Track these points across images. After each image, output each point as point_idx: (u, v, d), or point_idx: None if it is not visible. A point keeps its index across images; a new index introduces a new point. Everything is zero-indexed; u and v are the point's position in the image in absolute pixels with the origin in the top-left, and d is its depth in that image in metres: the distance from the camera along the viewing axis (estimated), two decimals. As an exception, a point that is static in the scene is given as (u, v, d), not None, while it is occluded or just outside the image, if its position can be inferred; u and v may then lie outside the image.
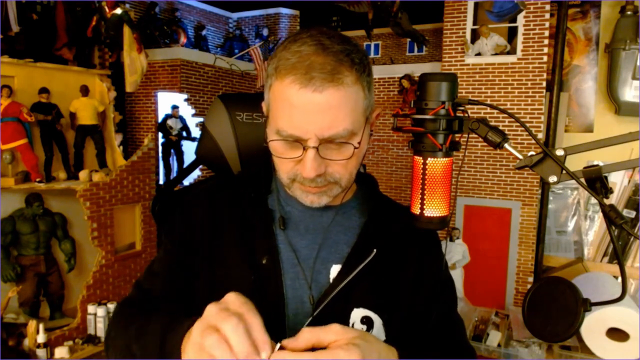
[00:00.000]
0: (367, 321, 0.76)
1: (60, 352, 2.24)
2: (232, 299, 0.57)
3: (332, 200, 0.78)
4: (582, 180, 0.66)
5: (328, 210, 0.81)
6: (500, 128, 0.67)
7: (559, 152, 0.66)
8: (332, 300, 0.74)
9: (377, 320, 0.76)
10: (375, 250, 0.77)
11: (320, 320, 0.73)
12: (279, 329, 0.74)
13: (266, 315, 0.57)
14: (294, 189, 0.75)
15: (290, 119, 0.67)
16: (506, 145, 0.66)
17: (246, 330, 0.53)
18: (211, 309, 0.56)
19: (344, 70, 0.67)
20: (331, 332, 0.57)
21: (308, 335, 0.57)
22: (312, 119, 0.66)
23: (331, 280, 0.77)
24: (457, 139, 0.70)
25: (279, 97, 0.69)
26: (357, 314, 0.76)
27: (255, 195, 0.82)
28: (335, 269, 0.78)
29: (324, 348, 0.57)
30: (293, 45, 0.68)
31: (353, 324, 0.75)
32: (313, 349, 0.57)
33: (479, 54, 2.85)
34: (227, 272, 0.78)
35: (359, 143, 0.70)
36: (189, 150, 3.66)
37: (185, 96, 3.40)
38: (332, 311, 0.74)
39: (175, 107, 3.51)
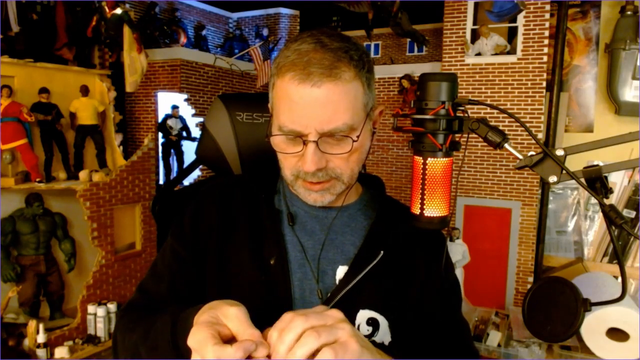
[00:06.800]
0: (372, 323, 0.76)
1: (60, 352, 2.24)
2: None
3: (336, 200, 0.78)
4: (582, 180, 0.66)
5: (332, 211, 0.81)
6: (500, 128, 0.67)
7: (559, 152, 0.66)
8: (339, 302, 0.74)
9: (382, 321, 0.76)
10: (382, 252, 0.77)
11: None
12: None
13: (274, 315, 0.58)
14: (297, 187, 0.76)
15: (290, 114, 0.69)
16: (506, 145, 0.66)
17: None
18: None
19: (342, 66, 0.68)
20: None
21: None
22: (312, 113, 0.67)
23: (337, 282, 0.77)
24: (457, 139, 0.70)
25: (280, 94, 0.70)
26: (363, 315, 0.76)
27: (264, 196, 0.83)
28: (341, 270, 0.78)
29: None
30: (293, 44, 0.70)
31: (359, 326, 0.75)
32: None
33: (479, 54, 2.85)
34: (237, 272, 0.78)
35: (358, 136, 0.71)
36: (189, 150, 3.66)
37: (185, 96, 3.40)
38: None
39: (175, 107, 3.51)
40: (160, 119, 3.50)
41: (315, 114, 0.67)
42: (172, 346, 0.63)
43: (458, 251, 2.54)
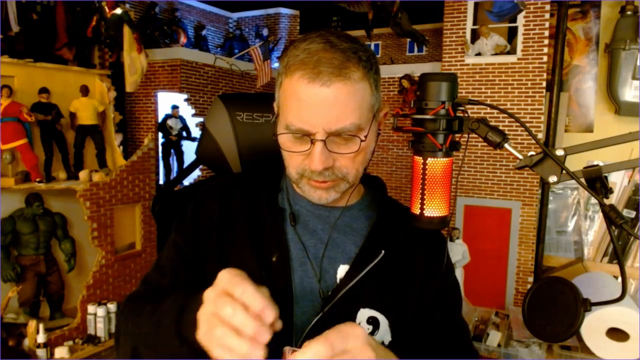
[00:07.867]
0: (373, 322, 0.76)
1: (60, 352, 2.24)
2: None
3: (340, 200, 0.79)
4: (582, 180, 0.66)
5: (335, 210, 0.82)
6: (500, 128, 0.67)
7: (559, 152, 0.66)
8: (339, 300, 0.74)
9: (383, 321, 0.76)
10: (383, 251, 0.77)
11: (327, 319, 0.73)
12: (287, 326, 0.74)
13: None
14: (302, 185, 0.76)
15: (298, 113, 0.69)
16: (506, 145, 0.66)
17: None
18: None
19: (351, 66, 0.68)
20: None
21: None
22: (320, 112, 0.68)
23: (338, 280, 0.77)
24: (457, 139, 0.70)
25: (289, 93, 0.70)
26: (364, 314, 0.76)
27: (267, 193, 0.83)
28: (342, 269, 0.78)
29: None
30: (302, 43, 0.70)
31: (359, 324, 0.75)
32: None
33: (479, 54, 2.85)
34: (238, 268, 0.78)
35: (366, 137, 0.71)
36: (189, 150, 3.66)
37: (185, 96, 3.40)
38: (339, 311, 0.74)
39: (175, 107, 3.51)
40: (160, 119, 3.50)
41: (323, 113, 0.68)
42: (176, 324, 0.63)
43: (458, 251, 2.54)
